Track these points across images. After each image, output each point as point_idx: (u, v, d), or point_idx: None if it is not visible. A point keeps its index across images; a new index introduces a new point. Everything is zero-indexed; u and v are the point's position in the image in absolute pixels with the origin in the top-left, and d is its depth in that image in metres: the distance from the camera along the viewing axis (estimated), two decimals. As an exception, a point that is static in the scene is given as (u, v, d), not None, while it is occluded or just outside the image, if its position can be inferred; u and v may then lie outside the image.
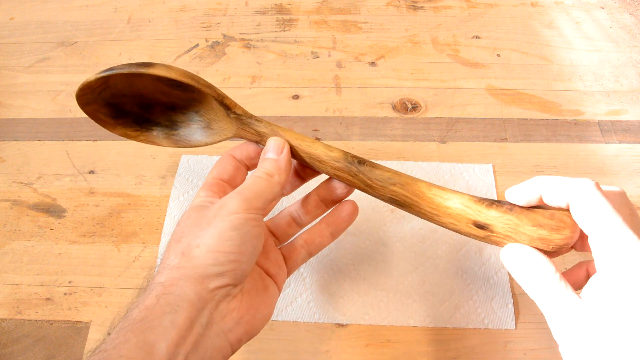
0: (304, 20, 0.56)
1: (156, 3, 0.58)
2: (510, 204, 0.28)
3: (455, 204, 0.28)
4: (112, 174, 0.43)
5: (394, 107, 0.48)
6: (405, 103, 0.48)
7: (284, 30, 0.55)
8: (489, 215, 0.28)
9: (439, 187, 0.30)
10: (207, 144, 0.34)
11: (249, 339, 0.28)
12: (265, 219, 0.32)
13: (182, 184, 0.42)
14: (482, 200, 0.28)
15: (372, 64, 0.51)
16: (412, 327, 0.36)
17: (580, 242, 0.28)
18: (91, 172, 0.44)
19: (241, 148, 0.33)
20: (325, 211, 0.34)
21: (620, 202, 0.26)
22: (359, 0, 0.57)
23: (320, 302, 0.37)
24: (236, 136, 0.33)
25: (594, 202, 0.25)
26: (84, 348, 0.35)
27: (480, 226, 0.28)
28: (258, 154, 0.32)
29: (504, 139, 0.45)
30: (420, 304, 0.36)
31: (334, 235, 0.33)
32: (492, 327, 0.35)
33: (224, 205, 0.28)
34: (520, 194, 0.27)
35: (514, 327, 0.35)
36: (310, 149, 0.31)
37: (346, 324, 0.36)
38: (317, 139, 0.45)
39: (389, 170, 0.30)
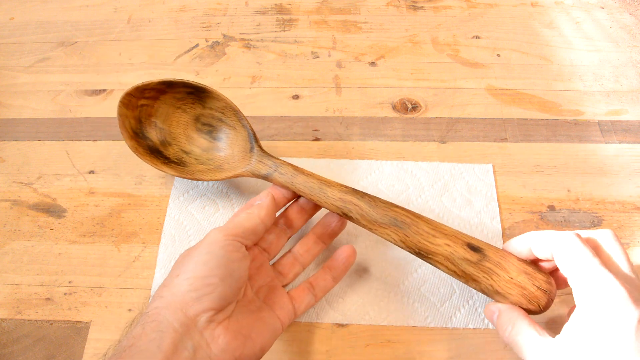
0: (304, 20, 0.56)
1: (156, 3, 0.58)
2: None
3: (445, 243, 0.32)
4: (112, 174, 0.44)
5: (394, 107, 0.48)
6: (405, 103, 0.48)
7: (284, 30, 0.55)
8: (483, 243, 0.32)
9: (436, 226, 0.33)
10: (211, 180, 0.38)
11: None
12: (271, 262, 0.36)
13: (182, 183, 0.42)
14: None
15: (372, 64, 0.51)
16: (412, 327, 0.36)
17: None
18: (91, 172, 0.44)
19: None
20: (324, 248, 0.37)
21: (607, 243, 0.28)
22: (359, 0, 0.57)
23: (320, 302, 0.37)
24: (240, 175, 0.38)
25: (573, 249, 0.27)
26: (84, 348, 0.35)
27: (474, 248, 0.31)
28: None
29: (504, 139, 0.45)
30: (420, 304, 0.36)
31: (335, 278, 0.35)
32: (492, 327, 0.35)
33: (204, 238, 0.30)
34: (514, 248, 0.31)
35: (514, 327, 0.35)
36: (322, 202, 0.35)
37: (346, 324, 0.36)
38: (317, 139, 0.46)
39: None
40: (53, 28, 0.56)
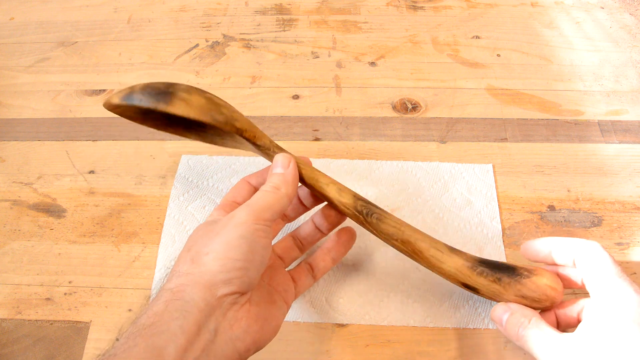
0: (304, 20, 0.56)
1: (156, 3, 0.58)
2: (502, 272, 0.31)
3: (449, 268, 0.32)
4: (112, 174, 0.44)
5: (394, 107, 0.48)
6: (405, 103, 0.48)
7: (284, 30, 0.55)
8: (477, 282, 0.31)
9: (437, 248, 0.32)
10: (234, 147, 0.36)
11: (257, 350, 0.28)
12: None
13: (182, 184, 0.42)
14: (475, 266, 0.31)
15: (372, 64, 0.51)
16: (412, 327, 0.36)
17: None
18: (91, 172, 0.44)
19: (257, 175, 0.35)
20: (323, 237, 0.36)
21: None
22: (359, 0, 0.57)
23: (321, 302, 0.37)
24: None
25: (597, 257, 0.28)
26: (84, 348, 0.35)
27: (469, 287, 0.32)
28: None
29: (504, 139, 0.45)
30: (420, 304, 0.36)
31: (335, 260, 0.35)
32: (492, 327, 0.35)
33: (233, 217, 0.29)
34: (533, 249, 0.32)
35: (514, 327, 0.35)
36: (323, 190, 0.33)
37: (346, 324, 0.36)
38: (317, 139, 0.46)
39: (394, 224, 0.32)
40: (53, 28, 0.56)
